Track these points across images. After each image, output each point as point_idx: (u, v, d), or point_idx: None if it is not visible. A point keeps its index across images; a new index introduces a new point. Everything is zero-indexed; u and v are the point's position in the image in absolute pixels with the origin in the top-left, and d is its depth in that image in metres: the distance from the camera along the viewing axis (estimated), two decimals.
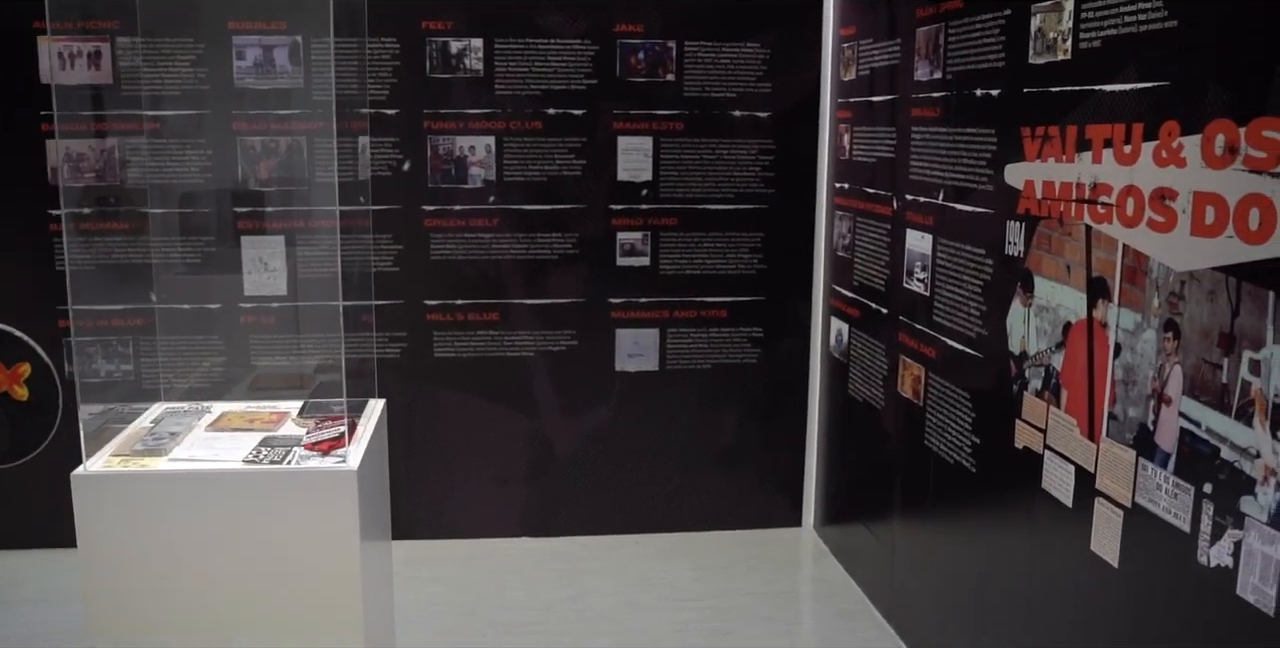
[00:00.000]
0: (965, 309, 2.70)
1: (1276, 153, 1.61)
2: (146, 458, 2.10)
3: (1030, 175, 2.35)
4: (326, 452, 2.11)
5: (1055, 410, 2.28)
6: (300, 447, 2.14)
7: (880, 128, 3.24)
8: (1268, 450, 1.65)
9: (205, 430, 2.33)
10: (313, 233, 3.17)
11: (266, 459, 2.08)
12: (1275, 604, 1.64)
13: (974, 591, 2.67)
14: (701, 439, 3.90)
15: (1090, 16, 2.09)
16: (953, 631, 2.80)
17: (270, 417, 2.39)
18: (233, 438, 2.25)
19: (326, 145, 3.35)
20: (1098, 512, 2.12)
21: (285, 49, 3.27)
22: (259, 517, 2.03)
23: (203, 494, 2.04)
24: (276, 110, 3.32)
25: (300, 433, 2.25)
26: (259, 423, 2.34)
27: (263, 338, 3.23)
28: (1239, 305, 1.71)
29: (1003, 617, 2.51)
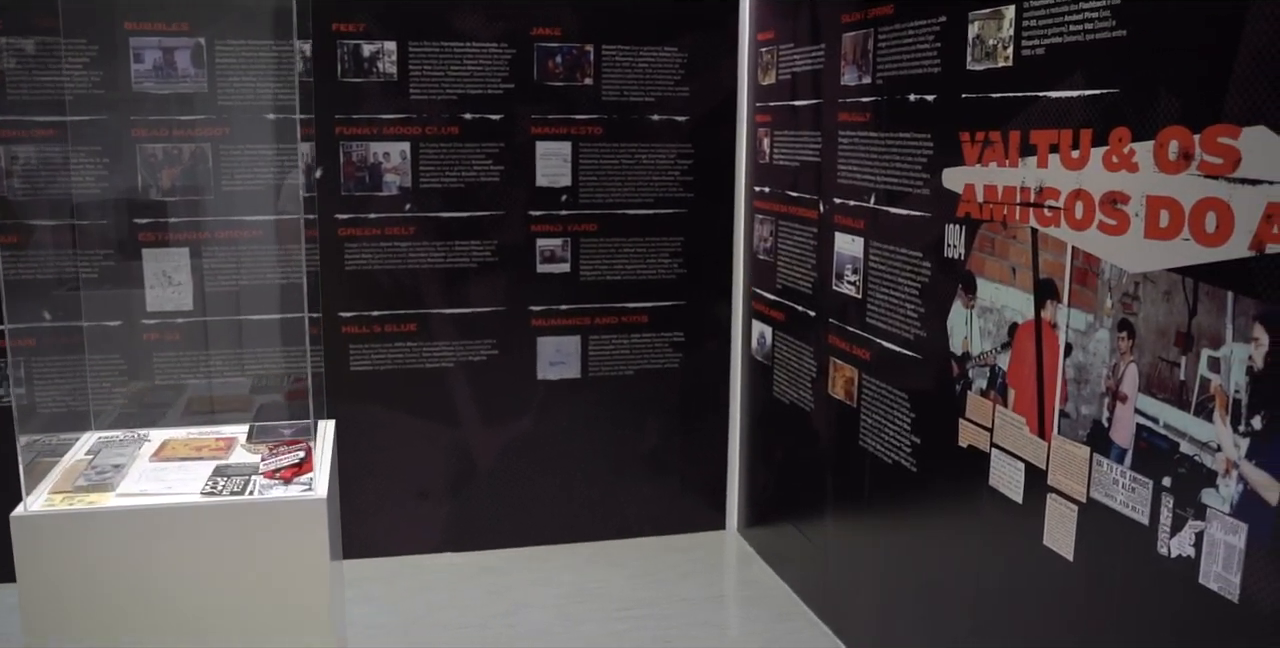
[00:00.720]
0: (901, 311, 2.74)
1: (1233, 159, 1.67)
2: (92, 494, 1.95)
3: (970, 179, 2.39)
4: (289, 480, 2.00)
5: (1002, 409, 2.33)
6: (259, 475, 2.02)
7: (804, 132, 3.26)
8: (1229, 444, 1.71)
9: (150, 461, 2.18)
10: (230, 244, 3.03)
11: (226, 490, 1.96)
12: (1239, 592, 1.70)
13: (916, 587, 2.71)
14: (625, 446, 3.87)
15: (1033, 25, 2.14)
16: (893, 628, 2.84)
17: (217, 443, 2.26)
18: (182, 468, 2.12)
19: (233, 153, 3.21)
20: (1050, 507, 2.17)
21: (187, 51, 3.11)
22: (223, 551, 1.91)
23: (160, 531, 1.90)
24: (179, 116, 3.15)
25: (255, 460, 2.13)
26: (207, 451, 2.21)
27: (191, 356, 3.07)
28: (1196, 305, 1.77)
29: (949, 612, 2.56)
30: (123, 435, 2.33)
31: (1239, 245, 1.67)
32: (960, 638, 2.51)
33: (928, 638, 2.67)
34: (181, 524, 1.91)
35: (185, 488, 2.00)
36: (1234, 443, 1.70)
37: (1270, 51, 1.59)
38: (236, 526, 1.91)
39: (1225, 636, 1.73)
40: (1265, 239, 1.62)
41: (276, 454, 2.07)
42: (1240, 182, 1.66)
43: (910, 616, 2.75)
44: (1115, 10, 1.91)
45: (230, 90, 3.17)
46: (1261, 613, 1.66)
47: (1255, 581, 1.67)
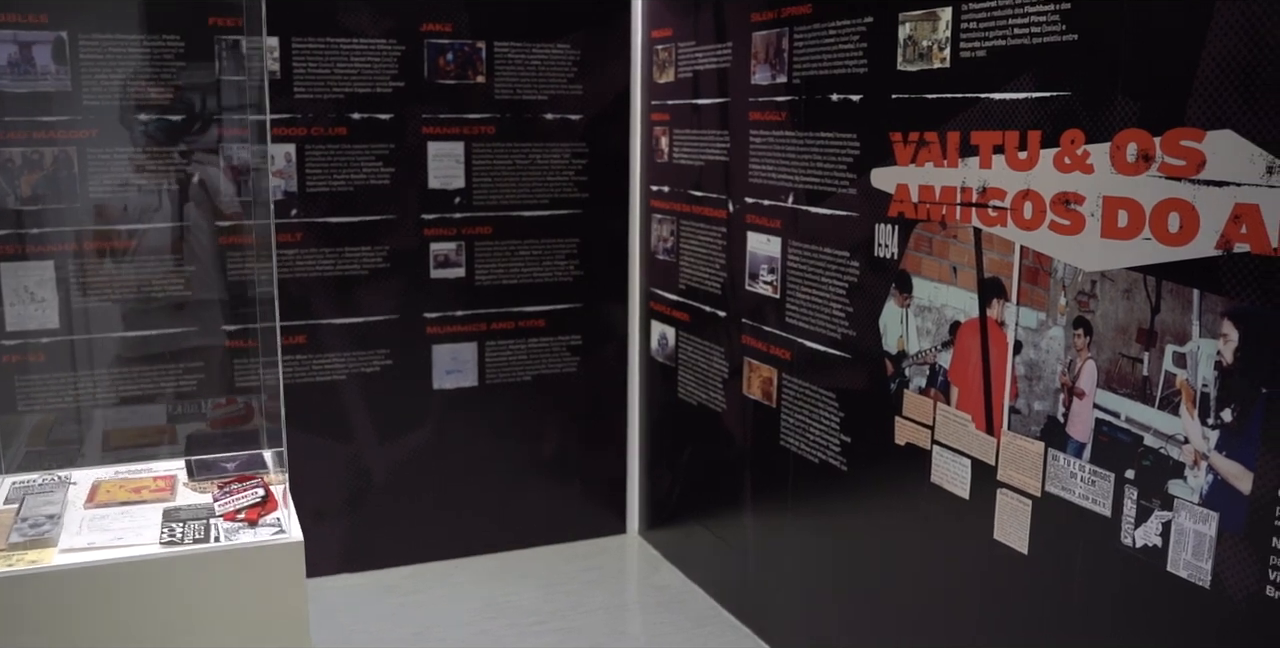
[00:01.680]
0: (827, 311, 2.74)
1: (1196, 161, 1.72)
2: (32, 552, 1.72)
3: (903, 179, 2.41)
4: (255, 521, 1.82)
5: (945, 407, 2.36)
6: (218, 518, 1.84)
7: (709, 131, 3.24)
8: (1197, 437, 1.77)
9: (85, 508, 1.95)
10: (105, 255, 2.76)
11: (187, 538, 1.77)
12: (1210, 578, 1.77)
13: (849, 585, 2.72)
14: (525, 453, 3.77)
15: (973, 27, 2.16)
16: (823, 626, 2.85)
17: (156, 484, 2.04)
18: (125, 514, 1.89)
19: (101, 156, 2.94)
20: (1001, 502, 2.21)
21: (47, 46, 2.83)
22: (193, 606, 1.72)
23: (122, 589, 1.69)
24: (39, 117, 2.86)
25: (206, 501, 1.93)
26: (147, 493, 1.99)
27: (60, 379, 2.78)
28: (1159, 302, 1.82)
29: (887, 609, 2.58)
30: (42, 479, 2.08)
31: (1205, 245, 1.72)
32: (900, 633, 2.54)
33: (862, 635, 2.69)
34: (145, 580, 1.71)
35: (138, 537, 1.79)
36: (1202, 435, 1.76)
37: (1235, 57, 1.65)
38: (207, 576, 1.73)
39: (1195, 620, 1.80)
40: (1233, 239, 1.68)
41: (230, 493, 1.89)
42: (1205, 183, 1.71)
43: (843, 613, 2.76)
44: (1065, 15, 1.95)
45: (97, 89, 2.89)
46: (1234, 598, 1.73)
47: (1227, 567, 1.74)
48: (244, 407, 2.94)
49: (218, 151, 3.03)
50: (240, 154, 3.16)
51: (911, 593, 2.49)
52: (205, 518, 1.86)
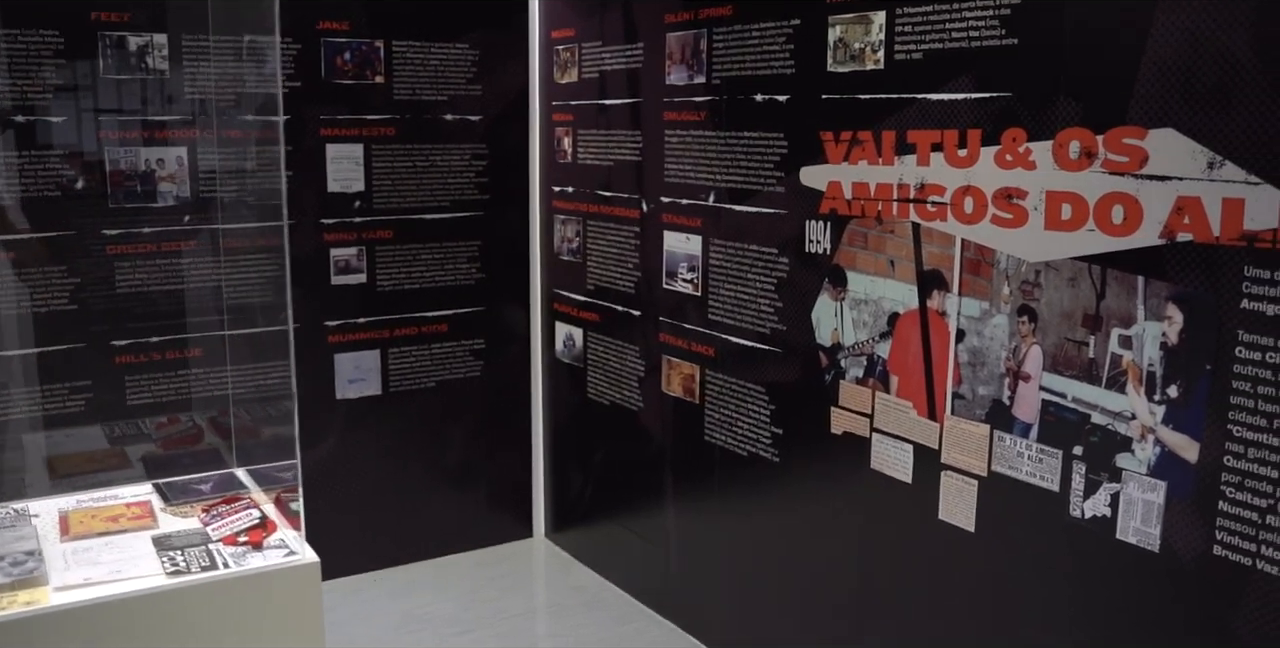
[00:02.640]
0: (754, 307, 2.80)
1: (1139, 157, 1.85)
2: (23, 592, 1.57)
3: (835, 177, 2.49)
4: (259, 544, 1.72)
5: (884, 395, 2.45)
6: (216, 543, 1.72)
7: (618, 131, 3.25)
8: (1144, 413, 1.91)
9: (63, 542, 1.79)
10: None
11: (193, 566, 1.65)
12: (1159, 542, 1.91)
13: (785, 573, 2.79)
14: (430, 461, 3.70)
15: (908, 31, 2.26)
16: (759, 616, 2.92)
17: (133, 511, 1.89)
18: (110, 545, 1.75)
19: None
20: (946, 484, 2.32)
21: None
22: (209, 635, 1.61)
23: (134, 624, 1.56)
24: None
25: (195, 526, 1.81)
26: (125, 521, 1.85)
27: None
28: (1105, 289, 1.95)
29: (827, 594, 2.66)
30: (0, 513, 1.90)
31: (1149, 235, 1.86)
32: (842, 617, 2.62)
33: (802, 622, 2.76)
34: (156, 613, 1.58)
35: (136, 569, 1.67)
36: (1149, 411, 1.90)
37: (1175, 61, 1.78)
38: (221, 605, 1.62)
39: (1146, 583, 1.93)
40: (1176, 229, 1.82)
41: (221, 516, 1.78)
42: (1148, 178, 1.85)
43: (780, 602, 2.83)
44: (1004, 20, 2.06)
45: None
46: (1182, 558, 1.87)
47: (1175, 531, 1.88)
48: (193, 426, 2.77)
49: None
50: (128, 158, 2.99)
51: (855, 577, 2.58)
52: (202, 544, 1.76)
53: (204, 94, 3.08)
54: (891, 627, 2.48)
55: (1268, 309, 1.71)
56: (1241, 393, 1.76)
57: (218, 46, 3.06)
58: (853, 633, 2.59)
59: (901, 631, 2.46)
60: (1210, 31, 1.73)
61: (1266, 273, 1.70)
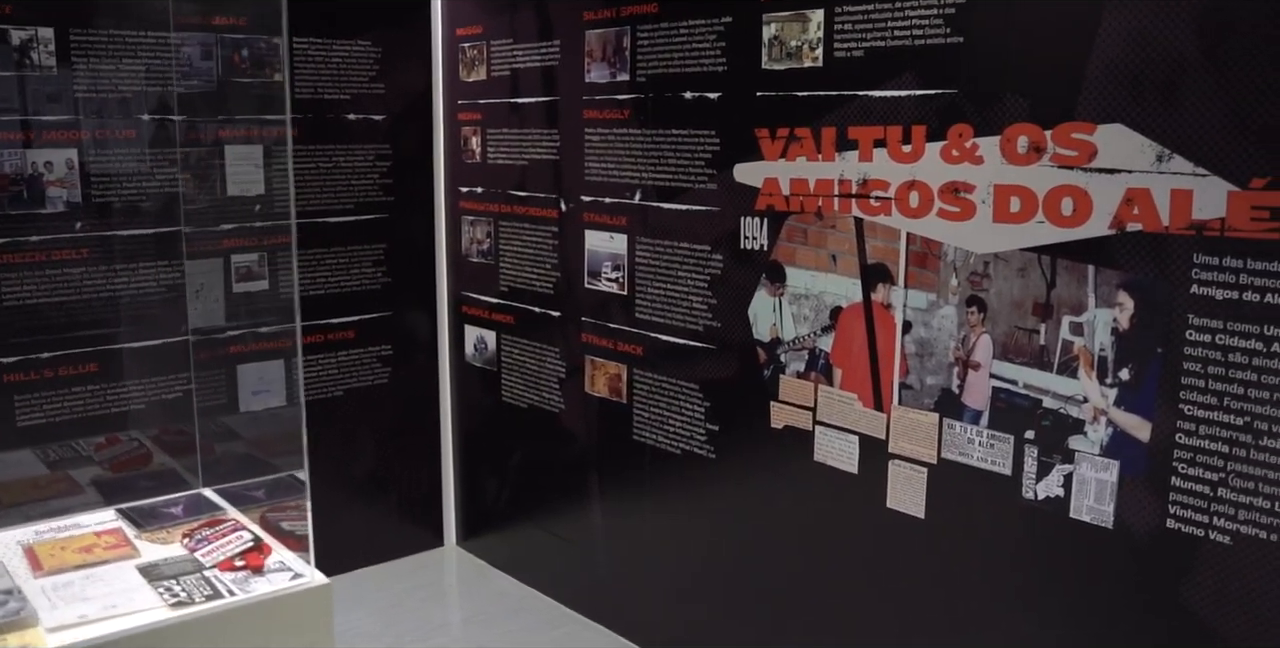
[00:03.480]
0: (685, 304, 2.80)
1: (1088, 152, 1.93)
2: (14, 635, 1.41)
3: (772, 174, 2.52)
4: (260, 568, 1.60)
5: (828, 389, 2.49)
6: (212, 569, 1.59)
7: (533, 130, 3.20)
8: (1096, 396, 2.00)
9: (38, 577, 1.61)
10: None
11: (196, 595, 1.51)
12: (1113, 519, 2.00)
13: (724, 568, 2.80)
14: (338, 472, 3.56)
15: (848, 29, 2.30)
16: (696, 612, 2.92)
17: (105, 539, 1.73)
18: (92, 578, 1.59)
19: None
20: (894, 472, 2.37)
21: None
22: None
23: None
24: None
25: (180, 553, 1.66)
26: (100, 551, 1.69)
27: None
28: (1055, 278, 2.03)
29: (768, 587, 2.68)
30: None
31: (1099, 225, 1.94)
32: (788, 609, 2.65)
33: (743, 616, 2.78)
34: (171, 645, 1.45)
35: (132, 602, 1.52)
36: (1101, 394, 1.99)
37: (1122, 60, 1.87)
38: (233, 635, 1.50)
39: (1100, 558, 2.02)
40: (1125, 219, 1.90)
41: (207, 541, 1.65)
42: (1098, 171, 1.93)
43: (719, 597, 2.84)
44: (949, 19, 2.12)
45: None
46: (1136, 533, 1.96)
47: (1128, 507, 1.97)
48: (139, 445, 2.57)
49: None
50: (12, 161, 2.77)
51: (799, 569, 2.60)
52: (196, 571, 1.63)
53: (97, 92, 2.88)
54: (839, 615, 2.52)
55: (1217, 294, 1.81)
56: (1192, 373, 1.85)
57: (114, 41, 2.87)
58: (797, 624, 2.63)
59: (850, 618, 2.50)
60: (1157, 31, 1.82)
61: (1215, 259, 1.80)
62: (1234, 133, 1.75)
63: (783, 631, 2.67)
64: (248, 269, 3.25)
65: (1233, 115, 1.75)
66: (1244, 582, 1.83)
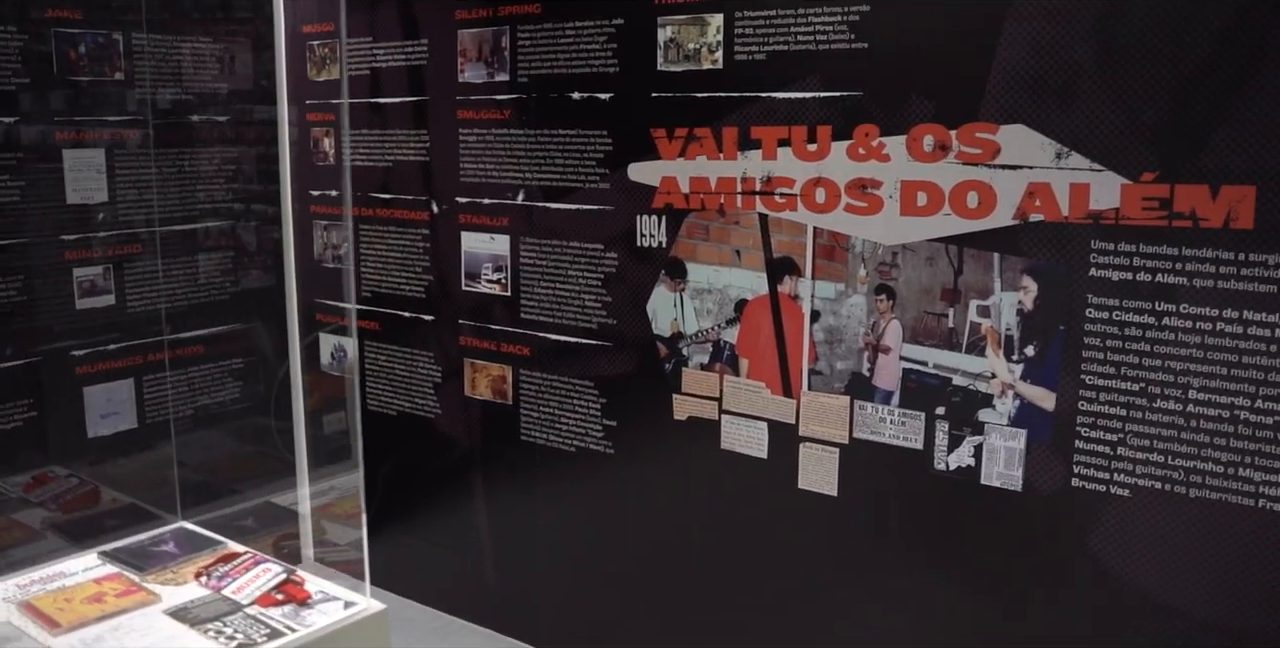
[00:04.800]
0: (577, 303, 2.83)
1: (992, 150, 2.12)
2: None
3: (670, 172, 2.58)
4: (306, 599, 1.48)
5: (734, 379, 2.59)
6: (251, 606, 1.45)
7: (398, 131, 3.13)
8: (1003, 371, 2.19)
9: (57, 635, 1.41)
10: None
11: (254, 635, 1.38)
12: (1022, 482, 2.21)
13: (626, 564, 2.86)
14: (187, 494, 3.35)
15: (749, 33, 2.39)
16: (597, 611, 2.96)
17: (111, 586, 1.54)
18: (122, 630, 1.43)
19: None
20: (805, 455, 2.50)
21: None
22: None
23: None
24: None
25: (203, 593, 1.50)
26: (112, 599, 1.51)
27: None
28: (962, 266, 2.21)
29: (679, 577, 2.76)
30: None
31: (1003, 216, 2.13)
32: (694, 597, 2.74)
33: (648, 610, 2.84)
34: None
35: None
36: (1008, 369, 2.19)
37: (1023, 66, 2.06)
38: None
39: (1010, 519, 2.22)
40: (1028, 210, 2.10)
41: (228, 577, 1.52)
42: (1001, 167, 2.12)
43: (621, 593, 2.89)
44: (853, 26, 2.25)
45: None
46: (1043, 494, 2.18)
47: (1036, 470, 2.18)
48: (77, 481, 2.30)
49: None
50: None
51: (709, 556, 2.69)
52: (235, 611, 1.51)
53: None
54: (752, 598, 2.63)
55: (1113, 275, 2.03)
56: (1092, 347, 2.07)
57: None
58: (709, 611, 2.72)
59: (764, 600, 2.61)
60: (1054, 40, 2.01)
61: (1111, 245, 2.02)
62: (1125, 132, 1.96)
63: (693, 619, 2.75)
64: (92, 283, 3.02)
65: (1124, 116, 1.96)
66: (1142, 528, 2.07)
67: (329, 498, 3.14)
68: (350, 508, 2.85)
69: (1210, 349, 1.95)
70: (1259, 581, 1.96)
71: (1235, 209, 1.88)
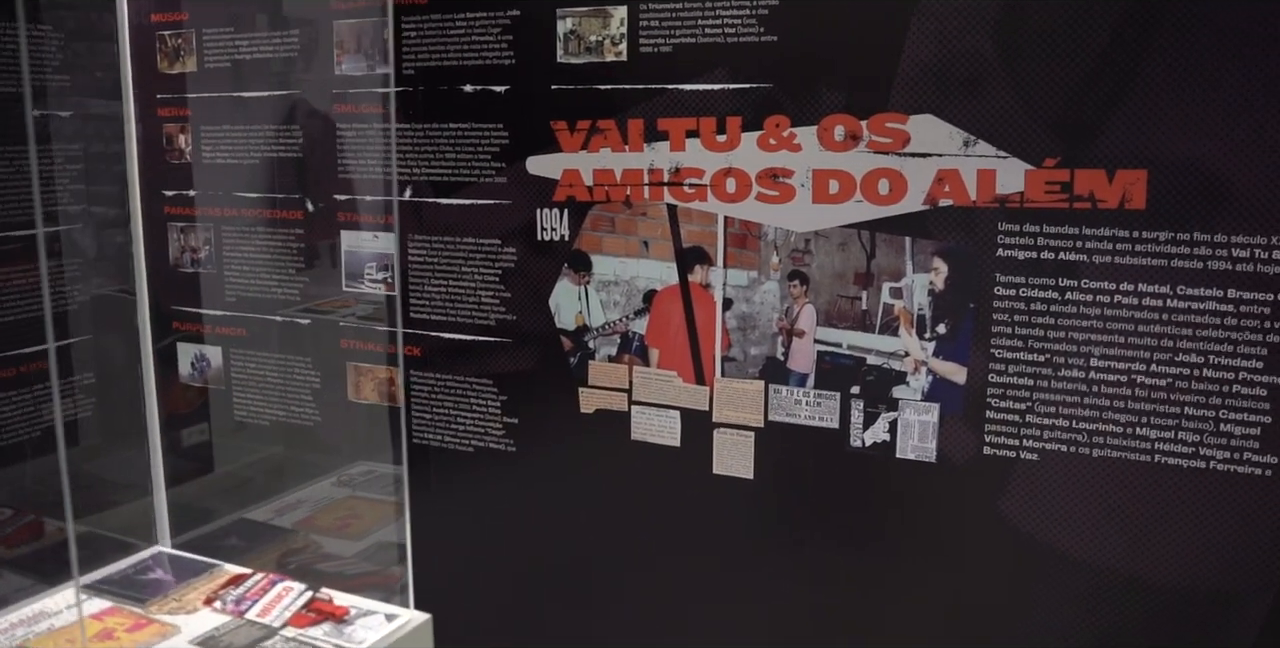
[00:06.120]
0: (473, 300, 2.78)
1: (902, 139, 2.23)
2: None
3: (572, 165, 2.57)
4: (344, 616, 1.36)
5: (644, 369, 2.61)
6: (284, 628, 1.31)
7: (265, 126, 2.97)
8: (916, 349, 2.31)
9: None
10: None
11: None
12: (936, 454, 2.33)
13: (536, 562, 2.84)
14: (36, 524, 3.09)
15: (655, 26, 2.41)
16: (498, 610, 2.92)
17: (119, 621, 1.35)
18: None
19: None
20: (720, 440, 2.55)
21: None
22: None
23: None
24: None
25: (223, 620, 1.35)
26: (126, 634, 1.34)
27: None
28: (875, 250, 2.31)
29: (590, 572, 2.76)
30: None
31: (914, 202, 2.24)
32: (606, 588, 2.75)
33: (559, 604, 2.83)
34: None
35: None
36: (921, 347, 2.31)
37: (930, 60, 2.17)
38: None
39: (925, 488, 2.35)
40: (937, 196, 2.22)
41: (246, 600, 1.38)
42: (911, 155, 2.23)
43: (529, 590, 2.86)
44: (762, 19, 2.31)
45: None
46: (956, 463, 2.31)
47: (949, 441, 2.31)
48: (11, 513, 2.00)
49: None
50: None
51: (621, 546, 2.71)
52: (270, 634, 1.38)
53: None
54: (669, 584, 2.66)
55: (1019, 255, 2.17)
56: (1001, 323, 2.21)
57: None
58: (624, 600, 2.73)
59: (681, 586, 2.65)
60: (960, 34, 2.14)
61: (1016, 226, 2.16)
62: (1028, 121, 2.11)
63: (612, 612, 2.76)
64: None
65: (1026, 107, 2.11)
66: (1049, 489, 2.23)
67: (303, 512, 2.96)
68: (332, 521, 2.70)
69: (1109, 320, 2.12)
70: (1157, 529, 2.15)
71: (1129, 191, 2.05)
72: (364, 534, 2.66)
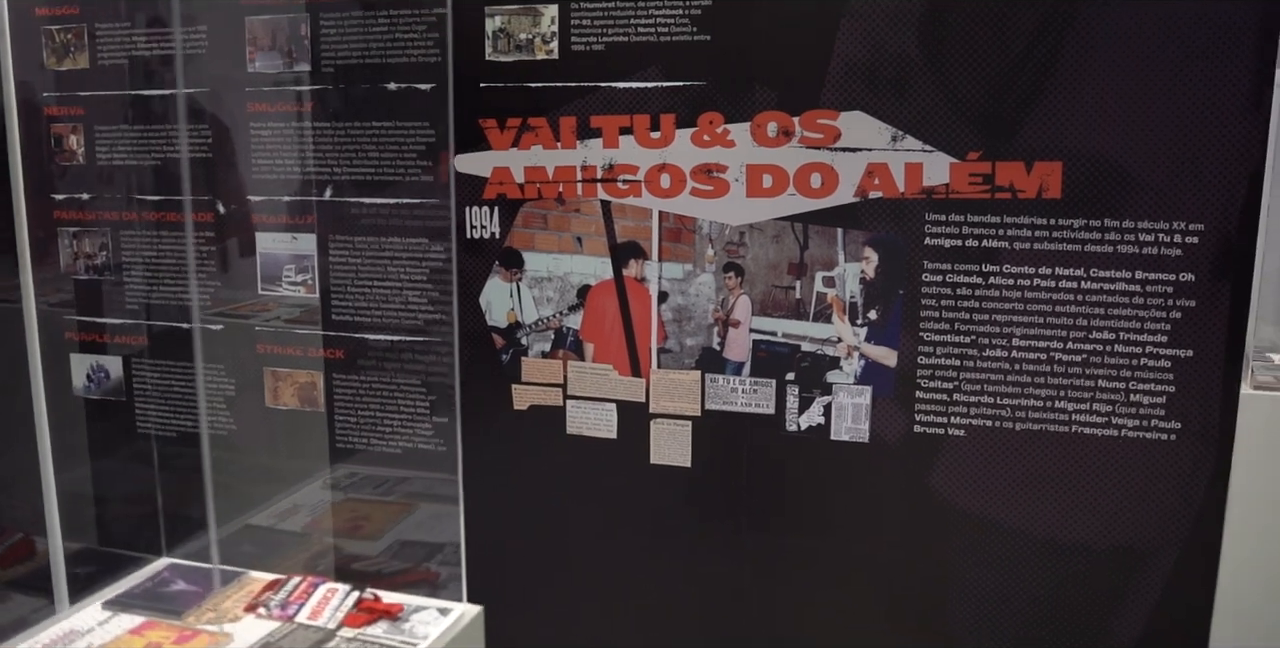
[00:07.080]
0: (399, 300, 2.76)
1: (833, 134, 2.33)
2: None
3: (502, 163, 2.59)
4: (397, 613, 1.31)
5: (579, 364, 2.64)
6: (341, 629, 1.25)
7: (167, 126, 2.86)
8: (849, 335, 2.43)
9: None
10: None
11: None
12: (869, 434, 2.45)
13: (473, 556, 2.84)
14: None
15: (587, 24, 2.45)
16: None
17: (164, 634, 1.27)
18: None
19: None
20: (656, 431, 2.61)
21: None
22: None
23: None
24: None
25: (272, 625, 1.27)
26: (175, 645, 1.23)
27: None
28: (808, 241, 2.41)
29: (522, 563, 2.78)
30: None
31: (845, 195, 2.35)
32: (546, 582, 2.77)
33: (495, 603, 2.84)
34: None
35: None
36: (853, 333, 2.42)
37: (859, 60, 2.28)
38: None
39: (858, 467, 2.46)
40: (868, 188, 2.34)
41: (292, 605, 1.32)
42: (842, 150, 2.34)
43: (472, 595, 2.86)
44: (695, 19, 2.37)
45: None
46: (888, 442, 2.44)
47: (881, 422, 2.43)
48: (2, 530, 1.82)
49: None
50: None
51: (558, 540, 2.73)
52: (328, 638, 1.33)
53: None
54: (609, 575, 2.71)
55: (945, 243, 2.31)
56: (929, 307, 2.34)
57: None
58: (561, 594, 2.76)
59: (620, 575, 2.70)
60: (887, 35, 2.25)
61: (942, 216, 2.30)
62: (952, 117, 2.24)
63: (547, 603, 2.78)
64: None
65: (950, 104, 2.24)
66: (974, 462, 2.38)
67: (307, 516, 2.84)
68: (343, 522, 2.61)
69: (1029, 302, 2.27)
70: (1074, 494, 2.32)
71: (1046, 182, 2.21)
72: (379, 534, 2.61)
